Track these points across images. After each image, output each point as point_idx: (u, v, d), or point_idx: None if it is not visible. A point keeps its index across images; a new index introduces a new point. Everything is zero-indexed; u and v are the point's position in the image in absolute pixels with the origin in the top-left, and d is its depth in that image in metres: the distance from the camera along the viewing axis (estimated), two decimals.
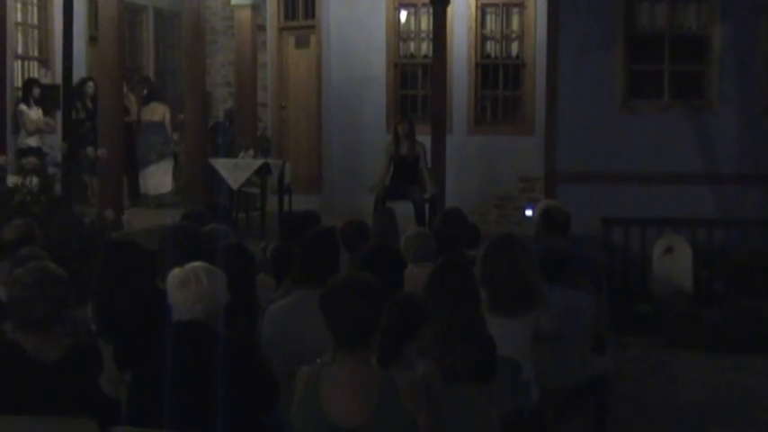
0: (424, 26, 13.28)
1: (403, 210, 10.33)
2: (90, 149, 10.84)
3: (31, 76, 11.91)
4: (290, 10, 14.04)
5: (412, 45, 13.50)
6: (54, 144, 9.92)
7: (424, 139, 10.92)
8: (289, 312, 4.60)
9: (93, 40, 12.05)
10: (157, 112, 12.30)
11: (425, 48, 13.26)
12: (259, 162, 11.29)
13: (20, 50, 11.85)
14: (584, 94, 11.14)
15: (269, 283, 5.74)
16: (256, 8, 13.08)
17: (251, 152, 11.56)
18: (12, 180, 8.24)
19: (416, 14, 13.39)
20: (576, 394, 5.46)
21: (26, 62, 12.08)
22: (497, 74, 13.19)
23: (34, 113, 11.24)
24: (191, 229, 5.14)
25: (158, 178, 12.34)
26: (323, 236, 4.89)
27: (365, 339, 3.42)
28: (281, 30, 14.18)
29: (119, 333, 4.43)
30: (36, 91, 11.36)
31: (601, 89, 11.16)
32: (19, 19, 11.76)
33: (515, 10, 13.07)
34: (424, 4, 12.77)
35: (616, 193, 10.98)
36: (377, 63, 13.32)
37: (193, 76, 11.47)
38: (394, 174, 10.70)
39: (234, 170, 11.23)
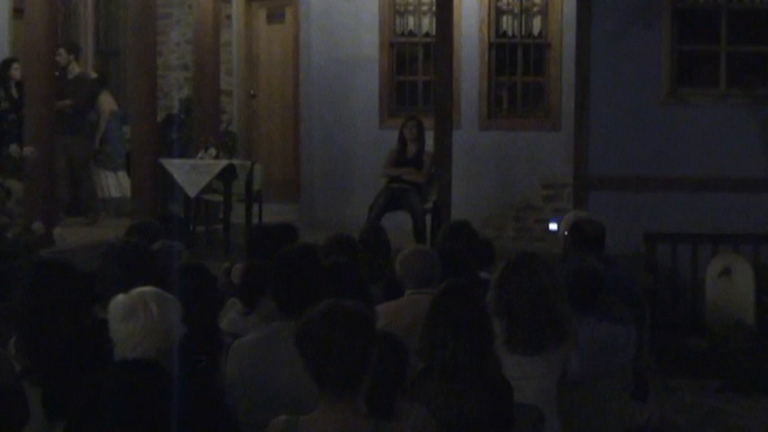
0: None
1: (400, 222, 10.37)
2: (14, 147, 10.85)
3: None
4: None
5: (411, 20, 13.52)
6: None
7: (426, 135, 10.96)
8: (259, 349, 4.60)
9: (18, 12, 12.04)
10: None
11: (427, 24, 13.28)
12: (222, 163, 11.29)
13: None
14: (622, 81, 11.16)
15: (240, 309, 5.76)
16: None
17: (212, 151, 11.56)
18: None
19: None
20: None
21: None
22: (515, 56, 13.21)
23: None
24: (138, 246, 5.13)
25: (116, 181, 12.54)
26: (301, 255, 4.89)
27: (353, 382, 3.41)
28: (249, 1, 14.19)
29: (48, 374, 4.41)
30: None
31: (643, 75, 11.18)
32: None
33: None
34: None
35: (661, 202, 10.99)
36: (368, 42, 13.33)
37: (141, 58, 11.47)
38: (392, 179, 10.80)
39: (191, 173, 11.23)
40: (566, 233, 7.18)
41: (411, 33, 13.50)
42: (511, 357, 4.77)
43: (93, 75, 13.05)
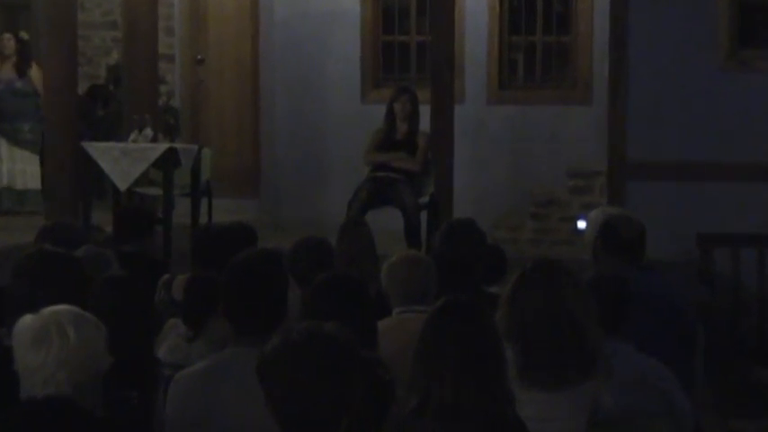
0: None
1: (388, 220, 10.37)
2: None
3: None
4: None
5: None
6: None
7: (421, 111, 10.97)
8: (207, 382, 4.62)
9: None
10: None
11: None
12: (161, 148, 11.29)
13: None
14: (668, 42, 11.18)
15: (183, 333, 5.77)
16: None
17: (148, 132, 11.56)
18: None
19: None
20: None
21: None
22: (534, 10, 13.23)
23: None
24: (56, 254, 5.12)
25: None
26: (261, 263, 4.90)
27: (328, 429, 3.42)
28: None
29: None
30: None
31: (695, 34, 11.21)
32: None
33: None
34: None
35: (719, 195, 11.01)
36: None
37: (58, 13, 11.46)
38: (378, 166, 10.81)
39: (122, 160, 11.22)
40: (597, 234, 7.18)
41: None
42: (527, 393, 4.77)
43: (24, 35, 13.03)
